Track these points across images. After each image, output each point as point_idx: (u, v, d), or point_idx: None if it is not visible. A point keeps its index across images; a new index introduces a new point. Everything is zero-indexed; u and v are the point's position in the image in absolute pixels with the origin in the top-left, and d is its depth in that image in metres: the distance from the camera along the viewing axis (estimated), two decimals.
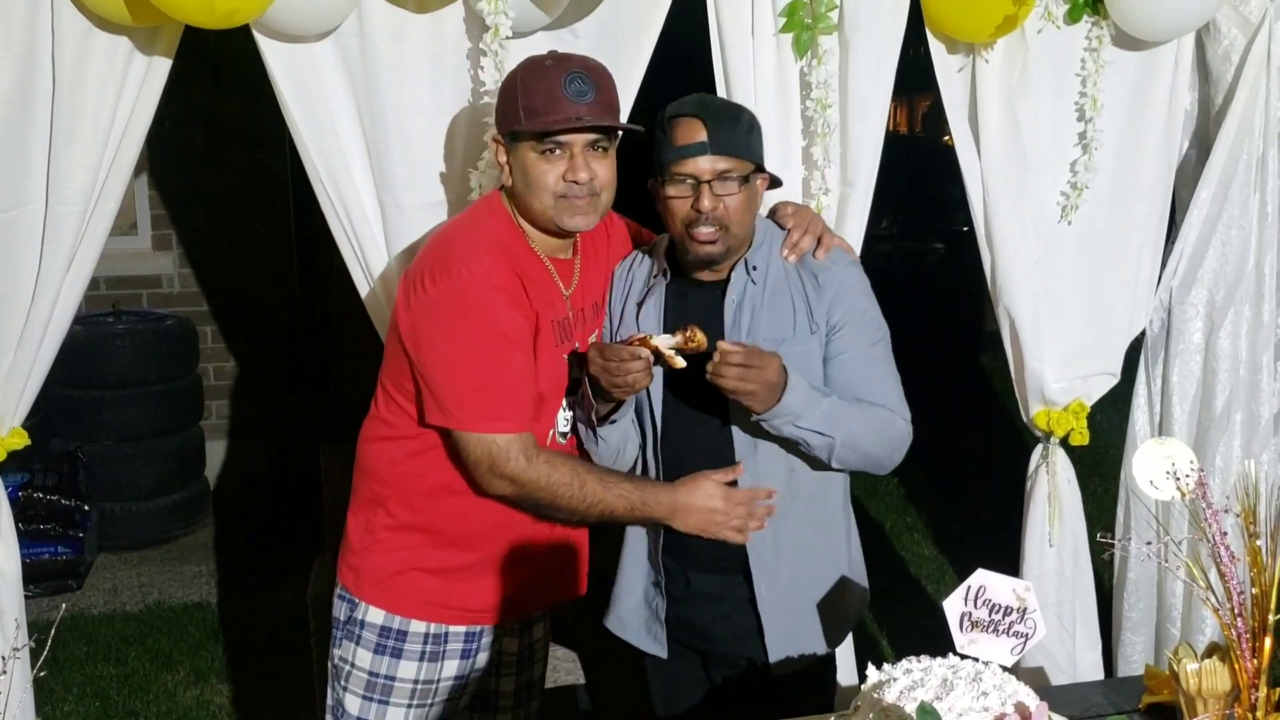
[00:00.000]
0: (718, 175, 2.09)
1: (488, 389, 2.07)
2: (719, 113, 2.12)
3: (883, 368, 2.22)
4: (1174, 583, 3.07)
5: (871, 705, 1.66)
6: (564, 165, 2.08)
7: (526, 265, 2.16)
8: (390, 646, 2.22)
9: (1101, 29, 2.66)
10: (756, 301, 2.18)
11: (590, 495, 2.11)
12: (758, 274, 2.19)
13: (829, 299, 2.17)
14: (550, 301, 2.18)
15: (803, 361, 2.14)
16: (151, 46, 2.30)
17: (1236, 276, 2.95)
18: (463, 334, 2.06)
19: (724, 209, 2.10)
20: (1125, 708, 2.04)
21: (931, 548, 4.99)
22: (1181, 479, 1.84)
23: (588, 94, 2.06)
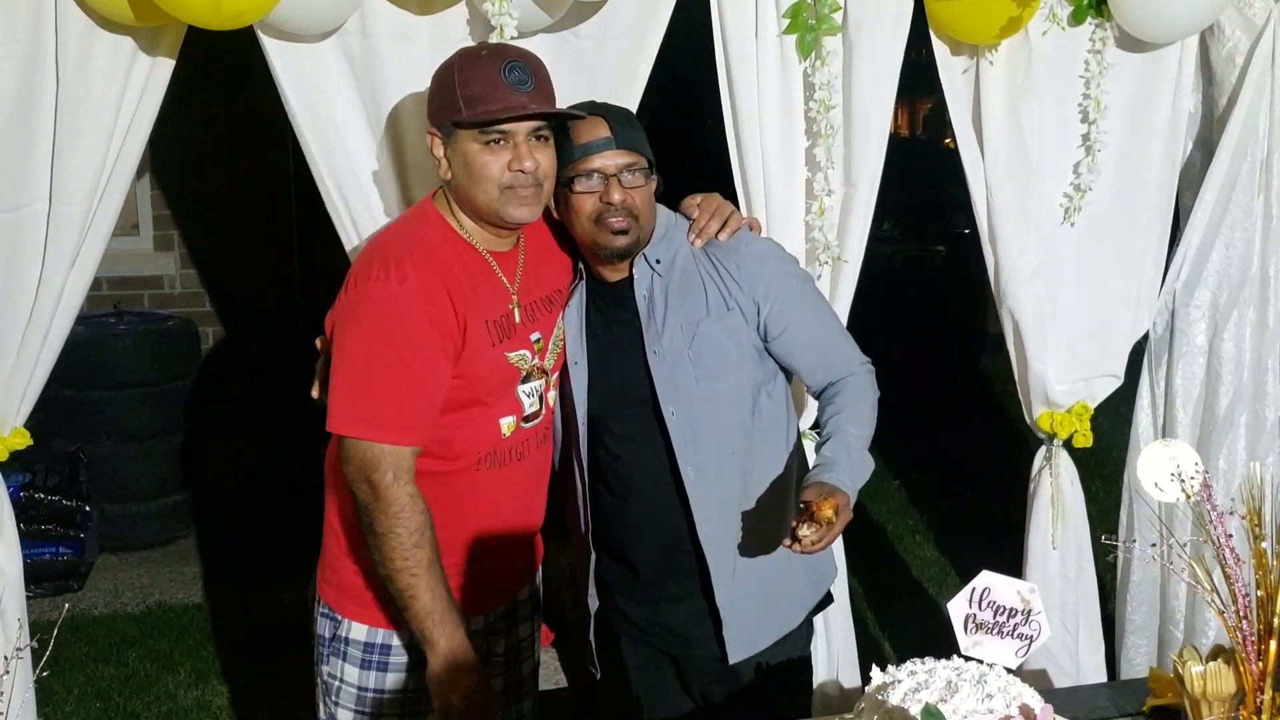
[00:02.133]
0: (625, 168, 2.14)
1: (374, 395, 2.03)
2: (616, 111, 2.18)
3: (824, 324, 2.30)
4: (1177, 585, 3.07)
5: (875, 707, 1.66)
6: (508, 155, 2.05)
7: (466, 264, 2.12)
8: (376, 661, 2.20)
9: (1105, 31, 2.66)
10: (667, 291, 2.22)
11: (409, 562, 2.03)
12: (661, 266, 2.23)
13: (749, 281, 2.20)
14: (490, 300, 2.14)
15: (724, 338, 2.19)
16: (155, 47, 2.30)
17: (1240, 279, 2.94)
18: (363, 338, 2.04)
19: (633, 200, 2.15)
20: (1129, 710, 2.03)
21: (934, 550, 4.99)
22: (1186, 481, 1.83)
23: (527, 83, 2.03)
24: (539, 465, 2.29)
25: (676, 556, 2.27)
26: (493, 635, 2.31)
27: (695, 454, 2.21)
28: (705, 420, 2.20)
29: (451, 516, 2.14)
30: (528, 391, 2.20)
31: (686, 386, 2.19)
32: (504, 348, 2.15)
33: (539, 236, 2.29)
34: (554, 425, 2.34)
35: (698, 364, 2.19)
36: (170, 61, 2.33)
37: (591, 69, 2.47)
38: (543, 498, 2.34)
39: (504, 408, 2.18)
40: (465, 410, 2.12)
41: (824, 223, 2.60)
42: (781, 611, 2.33)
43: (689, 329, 2.19)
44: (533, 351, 2.20)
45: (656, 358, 2.20)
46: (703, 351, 2.19)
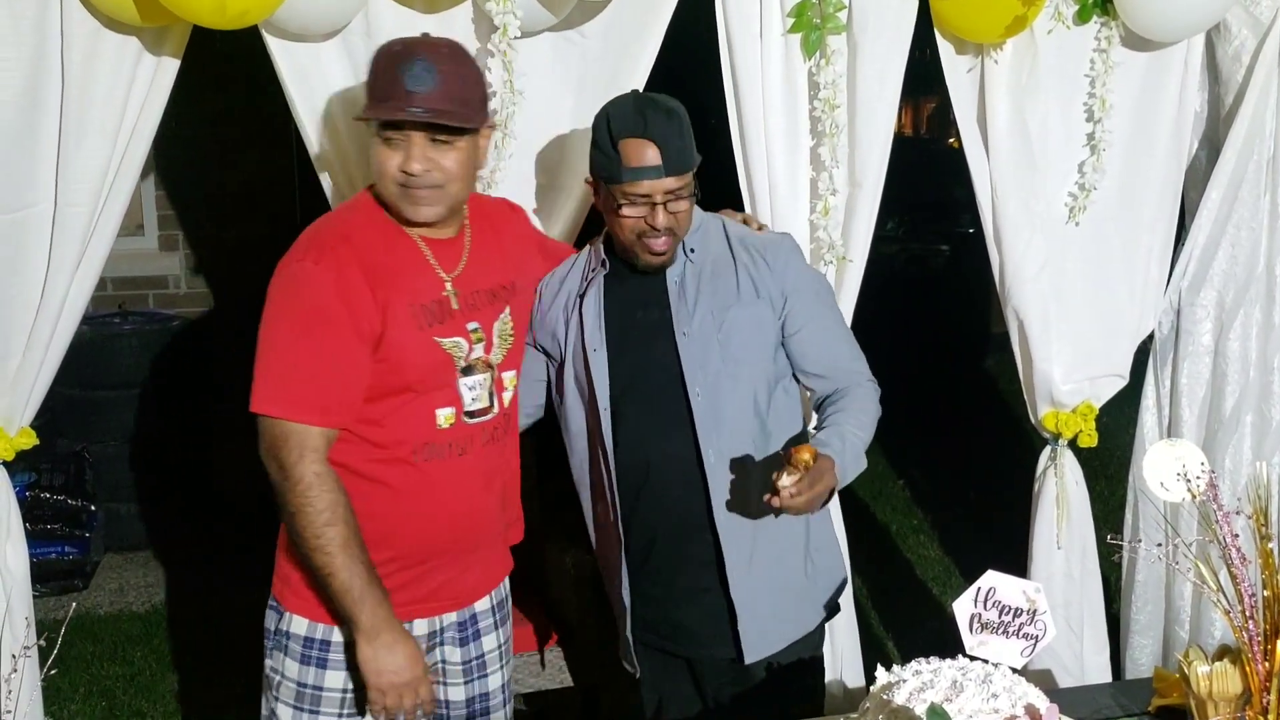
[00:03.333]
0: (673, 193, 2.15)
1: (280, 373, 2.03)
2: (666, 130, 2.13)
3: (838, 334, 2.34)
4: (1182, 585, 3.06)
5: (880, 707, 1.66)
6: (401, 155, 2.03)
7: (393, 248, 2.11)
8: (315, 656, 2.16)
9: (1111, 29, 2.65)
10: (698, 278, 2.24)
11: (321, 540, 2.01)
12: (695, 255, 2.26)
13: (779, 272, 2.24)
14: (418, 284, 2.12)
15: (751, 325, 2.23)
16: (160, 47, 2.30)
17: (1246, 278, 2.94)
18: (275, 317, 2.05)
19: (676, 221, 2.18)
20: (1135, 710, 2.03)
21: (938, 549, 4.98)
22: (1192, 480, 1.83)
23: (427, 83, 1.98)
24: (487, 466, 2.22)
25: (693, 545, 2.26)
26: (444, 644, 2.26)
27: (717, 437, 2.21)
28: (729, 403, 2.21)
29: (387, 509, 2.12)
30: (470, 385, 2.16)
31: (713, 367, 2.21)
32: (435, 332, 2.12)
33: (493, 228, 2.26)
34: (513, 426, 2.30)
35: (725, 346, 2.21)
36: (175, 61, 2.33)
37: (595, 67, 2.48)
38: (496, 504, 2.27)
39: (441, 398, 2.14)
40: (397, 396, 2.10)
41: (828, 222, 2.60)
42: (796, 612, 2.32)
43: (719, 313, 2.21)
44: (469, 341, 2.15)
45: (686, 339, 2.22)
46: (730, 335, 2.21)
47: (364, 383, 2.07)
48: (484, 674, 2.34)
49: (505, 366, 2.24)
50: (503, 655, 2.39)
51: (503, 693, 2.39)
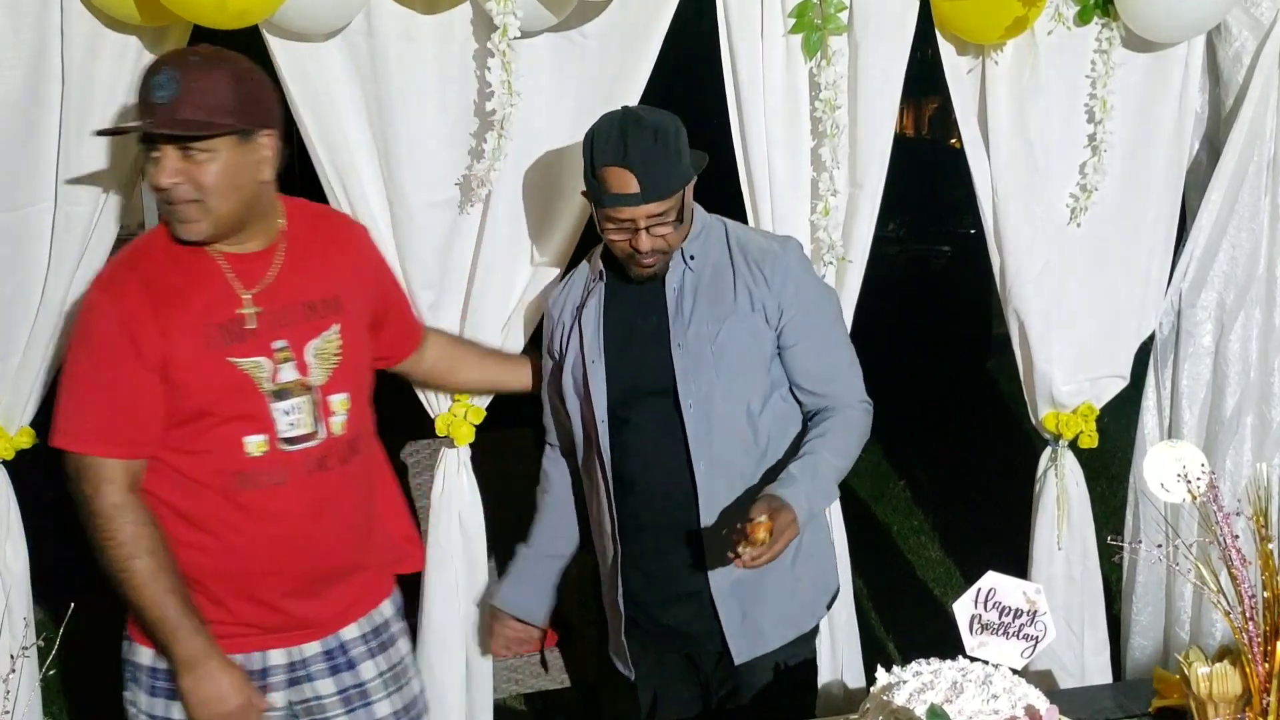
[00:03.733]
0: (654, 218, 2.14)
1: (73, 407, 1.99)
2: (647, 157, 2.11)
3: (836, 350, 2.32)
4: (1183, 586, 3.06)
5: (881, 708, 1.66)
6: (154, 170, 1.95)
7: (186, 267, 2.02)
8: (162, 687, 2.08)
9: (1112, 30, 2.65)
10: (697, 286, 2.24)
11: (127, 574, 1.96)
12: (695, 262, 2.25)
13: (778, 286, 2.23)
14: (210, 304, 2.02)
15: (746, 337, 2.22)
16: (161, 46, 2.30)
17: (1247, 279, 2.93)
18: (72, 350, 2.03)
19: (662, 242, 2.18)
20: (1135, 711, 2.03)
21: (939, 550, 4.98)
22: (1193, 481, 1.83)
23: (169, 92, 1.89)
24: (316, 496, 2.09)
25: (682, 551, 2.26)
26: (311, 678, 2.18)
27: (708, 448, 2.22)
28: (721, 414, 2.22)
29: (206, 540, 2.05)
30: (286, 409, 2.04)
31: (706, 378, 2.21)
32: (229, 352, 2.01)
33: (318, 240, 2.16)
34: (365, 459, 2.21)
35: (719, 357, 2.21)
36: None
37: (595, 68, 2.48)
38: (342, 533, 2.15)
39: (249, 425, 2.03)
40: (196, 422, 2.02)
41: (829, 223, 2.60)
42: (783, 618, 2.31)
43: (714, 324, 2.21)
44: (274, 361, 2.04)
45: (680, 350, 2.22)
46: (725, 346, 2.21)
47: (158, 411, 2.00)
48: (366, 703, 2.24)
49: (332, 389, 2.10)
50: (389, 682, 2.27)
51: (395, 719, 2.29)
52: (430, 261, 2.51)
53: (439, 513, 2.65)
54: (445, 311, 2.57)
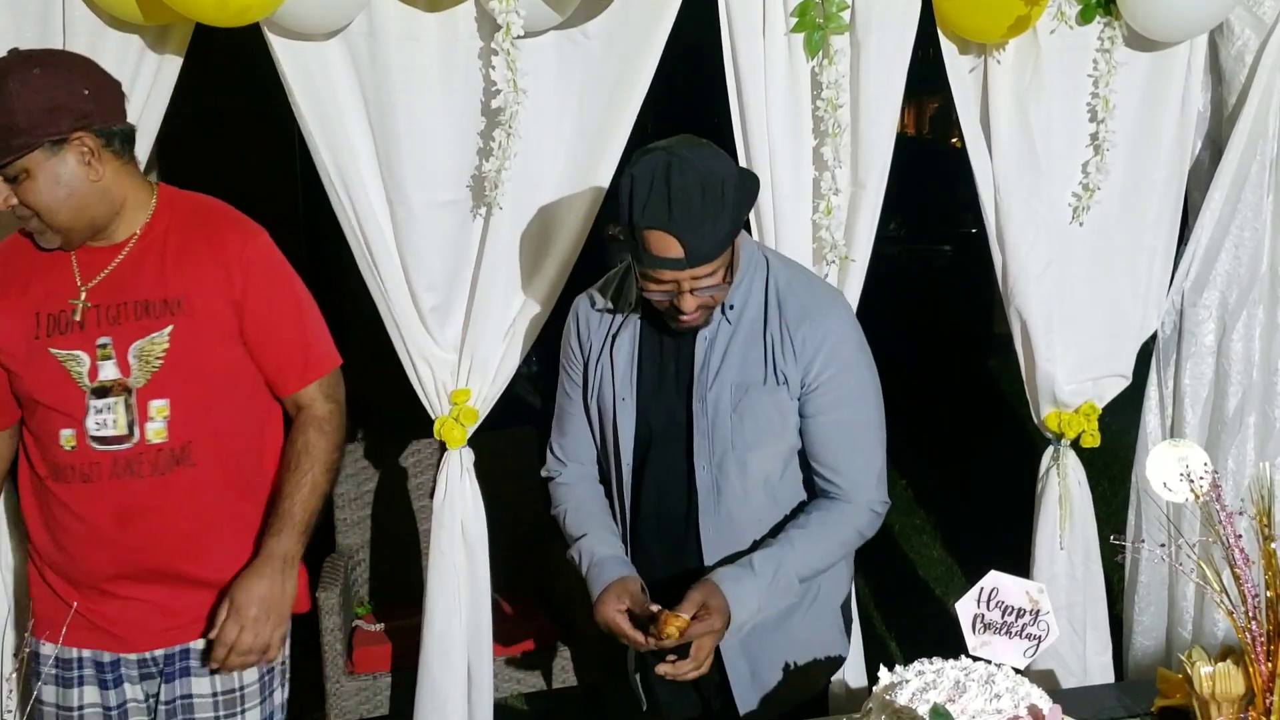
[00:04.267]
0: (699, 280, 1.97)
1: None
2: (692, 217, 1.90)
3: (855, 439, 2.13)
4: (1185, 586, 3.06)
5: (883, 707, 1.66)
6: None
7: (36, 258, 2.04)
8: (68, 677, 2.12)
9: (1114, 29, 2.65)
10: (729, 343, 2.10)
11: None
12: (733, 313, 2.10)
13: (807, 356, 2.08)
14: (48, 291, 2.03)
15: (770, 409, 2.09)
16: (162, 45, 2.30)
17: (1249, 278, 2.93)
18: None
19: (710, 298, 2.02)
20: (1138, 711, 2.03)
21: (941, 550, 4.98)
22: (1195, 481, 1.83)
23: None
24: (121, 501, 2.03)
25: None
26: (98, 685, 2.12)
27: (715, 513, 2.13)
28: (733, 483, 2.12)
29: (38, 523, 2.10)
30: (99, 408, 2.00)
31: (721, 446, 2.10)
32: (51, 343, 2.01)
33: (181, 236, 2.08)
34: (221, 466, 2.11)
35: (737, 429, 2.09)
36: (177, 59, 2.34)
37: (598, 67, 2.47)
38: (154, 546, 2.07)
39: (64, 418, 2.02)
40: (31, 408, 2.06)
41: (831, 222, 2.60)
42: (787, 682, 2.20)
43: (738, 391, 2.08)
44: (94, 357, 2.00)
45: (700, 408, 2.10)
46: (745, 417, 2.09)
47: (4, 389, 2.08)
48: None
49: (151, 393, 2.02)
50: (219, 706, 2.16)
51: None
52: (434, 263, 2.51)
53: (441, 517, 2.65)
54: (449, 316, 2.56)
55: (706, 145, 1.98)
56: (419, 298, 2.51)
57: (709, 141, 2.00)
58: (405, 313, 2.53)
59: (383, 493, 3.59)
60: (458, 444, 2.62)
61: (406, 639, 3.04)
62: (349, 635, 3.34)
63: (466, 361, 2.59)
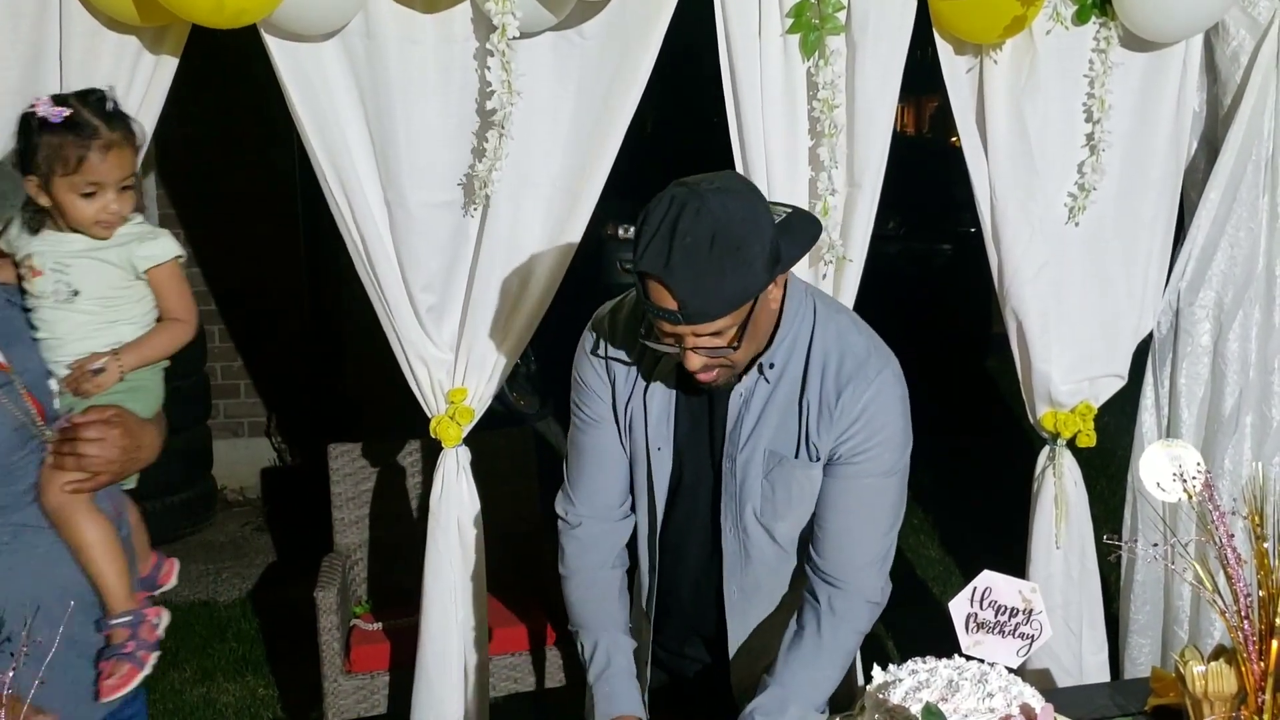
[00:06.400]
0: (702, 338, 1.79)
1: None
2: (689, 275, 1.71)
3: (873, 514, 1.99)
4: (1181, 585, 3.06)
5: (877, 706, 1.66)
6: None
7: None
8: None
9: (1110, 30, 2.65)
10: (765, 404, 1.96)
11: None
12: (773, 372, 1.95)
13: (841, 427, 1.93)
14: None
15: (803, 483, 1.97)
16: (159, 46, 2.31)
17: (1245, 278, 2.94)
18: None
19: (725, 360, 1.84)
20: (1131, 710, 2.03)
21: (937, 549, 4.99)
22: (1189, 480, 1.83)
23: None
24: None
25: (708, 677, 2.15)
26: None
27: (740, 575, 2.06)
28: (761, 548, 2.04)
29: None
30: None
31: (749, 512, 2.00)
32: None
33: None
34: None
35: (767, 498, 1.99)
36: (174, 60, 2.34)
37: (595, 67, 2.48)
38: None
39: None
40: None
41: (827, 222, 2.60)
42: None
43: (770, 460, 1.96)
44: None
45: (729, 467, 1.99)
46: (776, 487, 1.98)
47: None
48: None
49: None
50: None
51: None
52: (431, 264, 2.51)
53: (437, 517, 2.65)
54: (446, 315, 2.57)
55: (743, 192, 1.79)
56: (415, 298, 2.51)
57: (752, 186, 1.84)
58: (402, 312, 2.54)
59: (380, 492, 3.59)
60: (454, 443, 2.62)
61: (404, 638, 3.05)
62: (346, 634, 3.34)
63: (463, 361, 2.59)
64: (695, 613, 2.15)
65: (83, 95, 1.99)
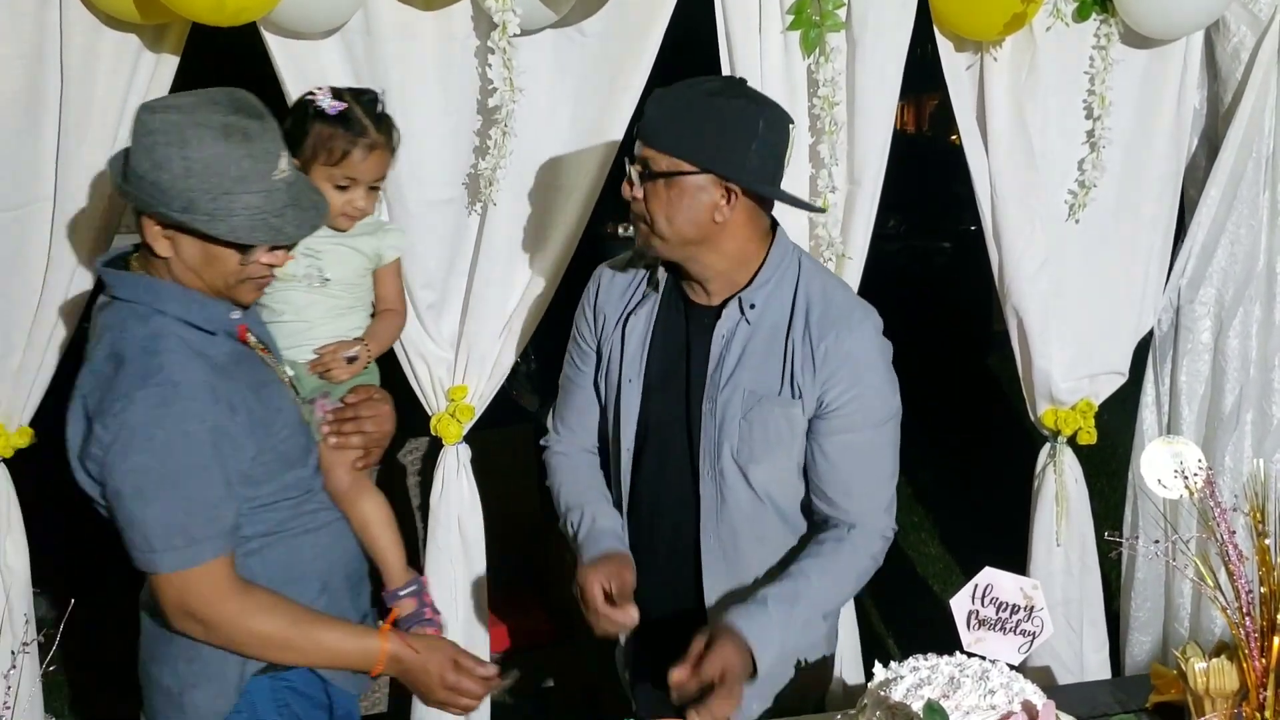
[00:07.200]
0: (638, 165, 1.92)
1: None
2: (673, 100, 1.90)
3: (873, 462, 2.03)
4: (1182, 582, 3.06)
5: (878, 703, 1.66)
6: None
7: None
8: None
9: (1110, 26, 2.65)
10: (746, 343, 2.01)
11: None
12: (754, 314, 2.00)
13: (825, 375, 1.97)
14: None
15: (782, 423, 1.99)
16: (159, 44, 2.31)
17: (1246, 275, 2.94)
18: None
19: (640, 203, 1.94)
20: (1132, 707, 2.03)
21: (938, 546, 4.99)
22: (1189, 477, 1.83)
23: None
24: None
25: (682, 625, 2.03)
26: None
27: (715, 521, 2.05)
28: (737, 494, 2.03)
29: None
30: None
31: (727, 453, 2.01)
32: None
33: None
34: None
35: (745, 437, 2.00)
36: (174, 59, 2.34)
37: (595, 65, 2.48)
38: None
39: None
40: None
41: (827, 220, 2.60)
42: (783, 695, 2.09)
43: (750, 399, 1.98)
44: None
45: (709, 410, 2.01)
46: (754, 426, 1.99)
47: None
48: None
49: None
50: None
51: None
52: (430, 261, 2.51)
53: (437, 514, 2.65)
54: (446, 312, 2.57)
55: (768, 109, 1.95)
56: (415, 295, 2.51)
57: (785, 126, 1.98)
58: None
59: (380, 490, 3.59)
60: (454, 440, 2.62)
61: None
62: None
63: (463, 358, 2.59)
64: (671, 569, 2.11)
65: (357, 93, 2.11)
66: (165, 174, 1.70)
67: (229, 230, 1.73)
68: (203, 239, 1.75)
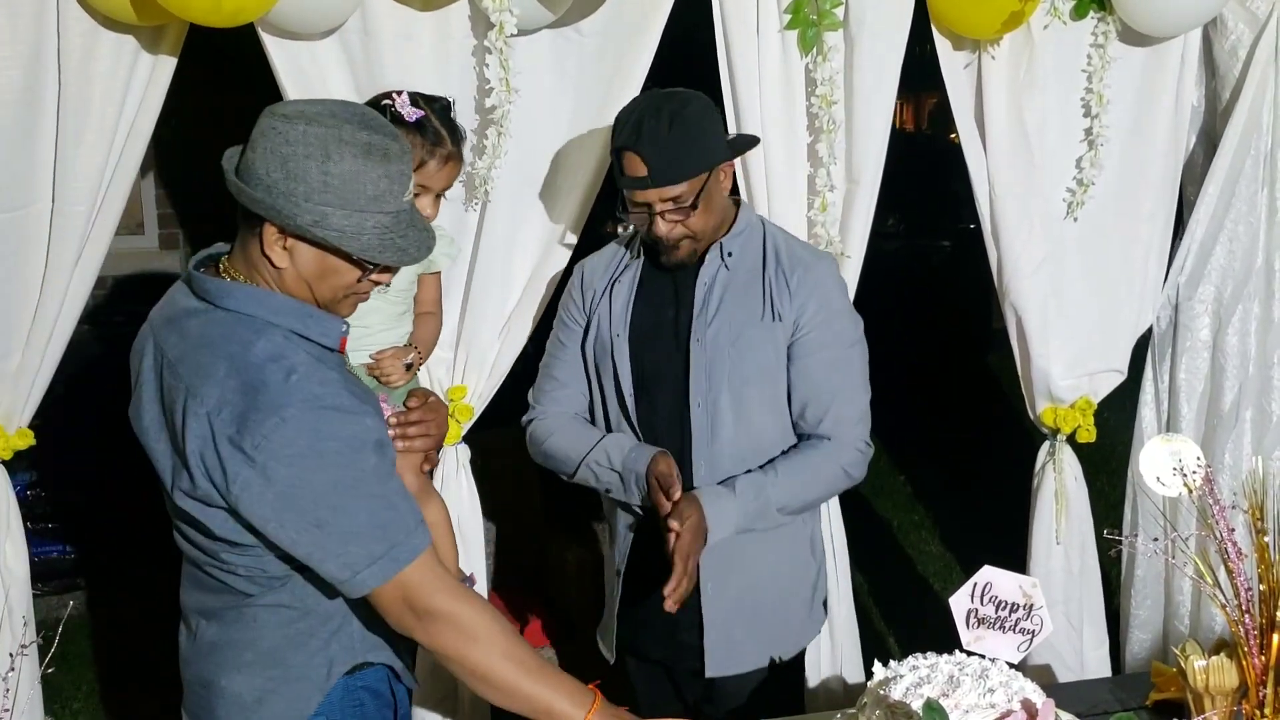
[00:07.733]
0: (667, 203, 2.11)
1: None
2: (659, 140, 2.08)
3: (846, 376, 2.23)
4: (1181, 580, 3.06)
5: (878, 702, 1.66)
6: None
7: None
8: None
9: (1108, 24, 2.65)
10: (727, 285, 2.22)
11: None
12: (732, 260, 2.23)
13: (800, 298, 2.20)
14: None
15: (766, 346, 2.19)
16: (157, 45, 2.31)
17: (1244, 273, 2.93)
18: None
19: (680, 229, 2.15)
20: (1132, 705, 2.03)
21: (938, 545, 4.99)
22: (1188, 475, 1.83)
23: None
24: None
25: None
26: None
27: (709, 451, 2.20)
28: (727, 421, 2.20)
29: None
30: None
31: (717, 383, 2.19)
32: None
33: None
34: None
35: (736, 365, 2.19)
36: (172, 60, 2.34)
37: (593, 65, 2.48)
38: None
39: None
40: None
41: (826, 218, 2.60)
42: (767, 639, 2.28)
43: (736, 328, 2.19)
44: None
45: (698, 346, 2.20)
46: (743, 353, 2.19)
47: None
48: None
49: None
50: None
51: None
52: None
53: None
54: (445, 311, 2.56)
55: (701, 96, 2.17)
56: None
57: (705, 98, 2.18)
58: None
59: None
60: (453, 440, 2.62)
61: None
62: None
63: (462, 358, 2.59)
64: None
65: (431, 101, 2.11)
66: (301, 185, 1.67)
67: (361, 248, 1.68)
68: (328, 251, 1.71)
